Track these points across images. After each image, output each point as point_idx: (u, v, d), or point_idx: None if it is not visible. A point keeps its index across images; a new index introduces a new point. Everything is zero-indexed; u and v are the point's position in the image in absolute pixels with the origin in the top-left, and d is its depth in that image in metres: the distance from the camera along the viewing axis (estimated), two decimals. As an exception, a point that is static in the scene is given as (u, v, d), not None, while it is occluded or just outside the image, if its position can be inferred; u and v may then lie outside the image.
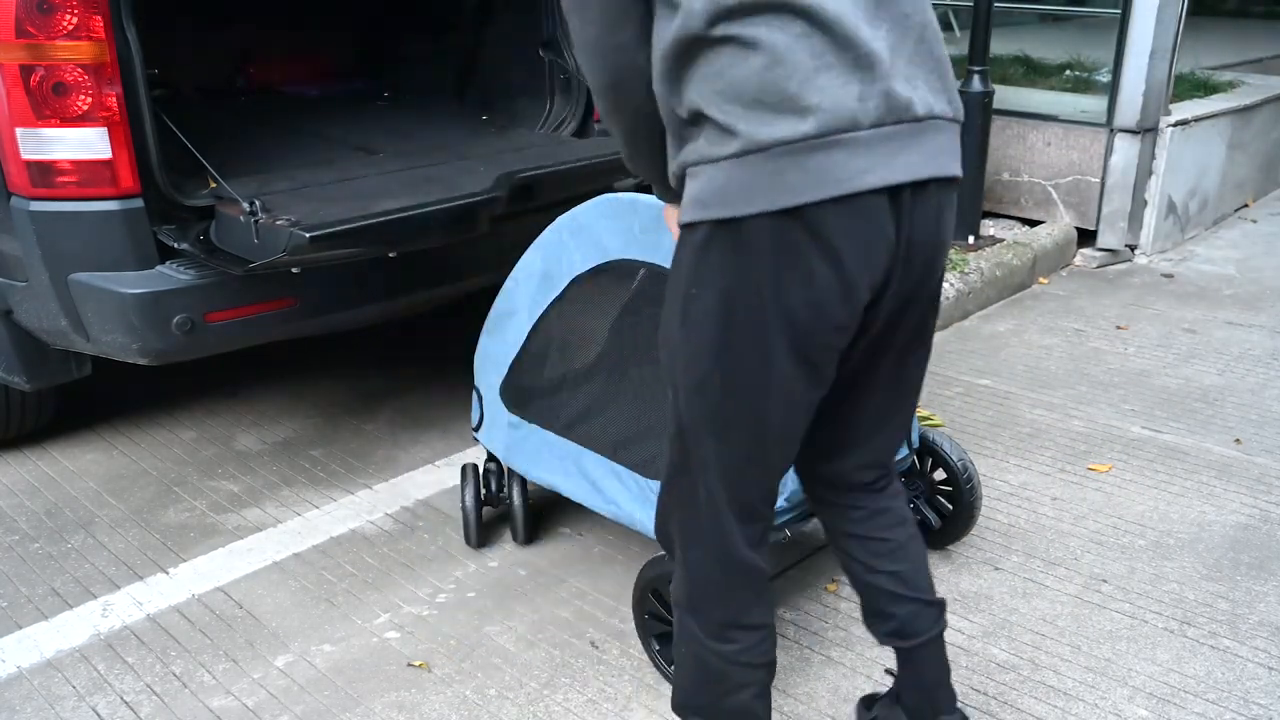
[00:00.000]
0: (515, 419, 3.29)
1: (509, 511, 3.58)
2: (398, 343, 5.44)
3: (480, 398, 3.42)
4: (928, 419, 3.69)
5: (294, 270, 3.54)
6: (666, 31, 1.87)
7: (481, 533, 3.58)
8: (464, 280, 4.23)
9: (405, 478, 4.10)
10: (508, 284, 3.21)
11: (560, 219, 3.01)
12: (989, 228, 6.55)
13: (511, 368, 3.26)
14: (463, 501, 3.54)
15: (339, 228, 3.29)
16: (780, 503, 2.82)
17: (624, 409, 2.96)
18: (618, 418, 2.98)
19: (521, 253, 3.20)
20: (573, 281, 3.00)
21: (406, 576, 3.47)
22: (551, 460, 3.21)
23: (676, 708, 2.35)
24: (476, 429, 3.47)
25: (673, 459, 2.14)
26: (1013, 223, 6.64)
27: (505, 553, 3.59)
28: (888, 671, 2.60)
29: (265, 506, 3.91)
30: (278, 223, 3.27)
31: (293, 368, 5.15)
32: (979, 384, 4.72)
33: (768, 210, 1.81)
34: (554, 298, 3.07)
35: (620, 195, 2.83)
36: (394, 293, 4.02)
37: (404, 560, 3.56)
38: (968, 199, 6.10)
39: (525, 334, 3.18)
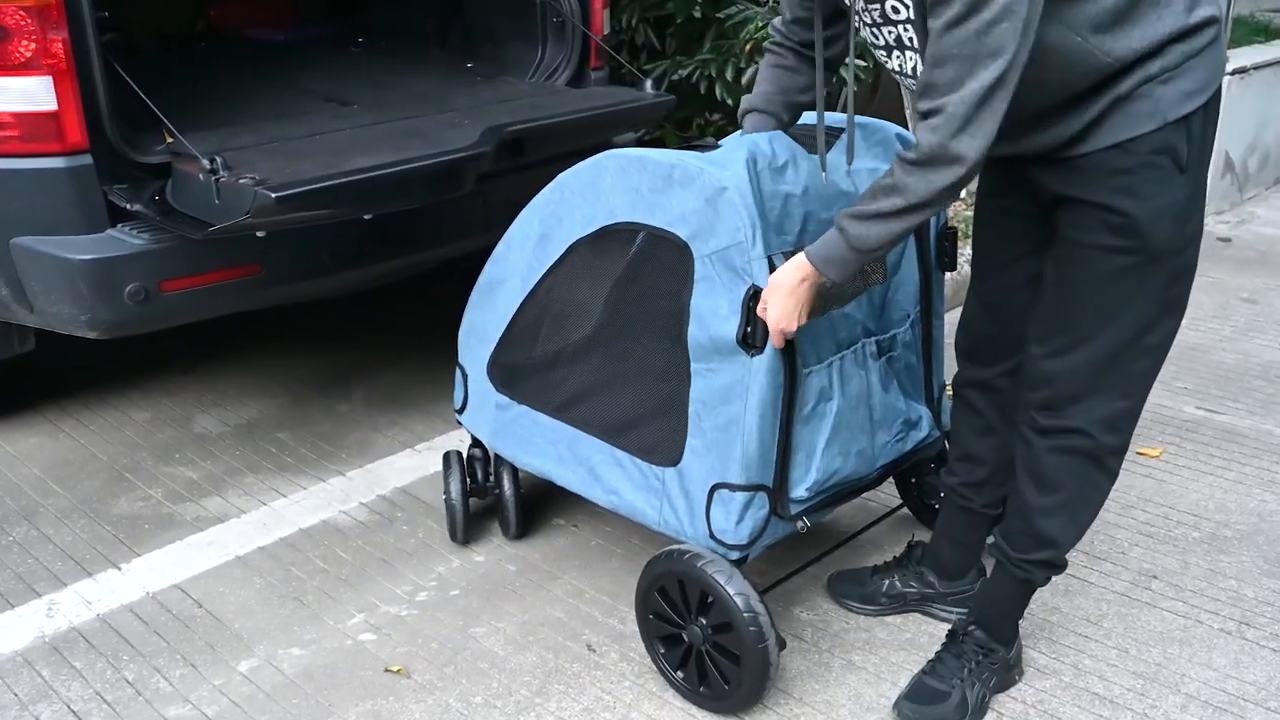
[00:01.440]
0: (504, 399, 3.28)
1: (497, 502, 3.57)
2: (374, 314, 5.43)
3: (465, 376, 3.40)
4: (960, 399, 3.68)
5: (259, 234, 3.52)
6: None
7: (467, 525, 3.57)
8: (447, 245, 4.22)
9: (382, 463, 4.09)
10: (499, 249, 3.19)
11: (561, 176, 2.98)
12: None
13: (500, 342, 3.25)
14: (446, 491, 3.53)
15: (308, 187, 3.27)
16: (800, 492, 2.81)
17: (626, 388, 2.95)
18: (619, 398, 2.97)
19: (513, 214, 3.18)
20: (572, 246, 2.98)
21: (384, 573, 3.46)
22: (544, 445, 3.19)
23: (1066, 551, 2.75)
24: (460, 411, 3.46)
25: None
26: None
27: (493, 547, 3.58)
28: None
29: (227, 495, 3.90)
30: (241, 181, 3.25)
31: (258, 342, 5.14)
32: (1016, 360, 4.70)
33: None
34: (551, 264, 3.05)
35: (627, 151, 2.80)
36: (369, 259, 4.01)
37: (381, 555, 3.55)
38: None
39: (517, 305, 3.16)
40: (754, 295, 2.58)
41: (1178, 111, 2.31)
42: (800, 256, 2.49)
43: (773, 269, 2.57)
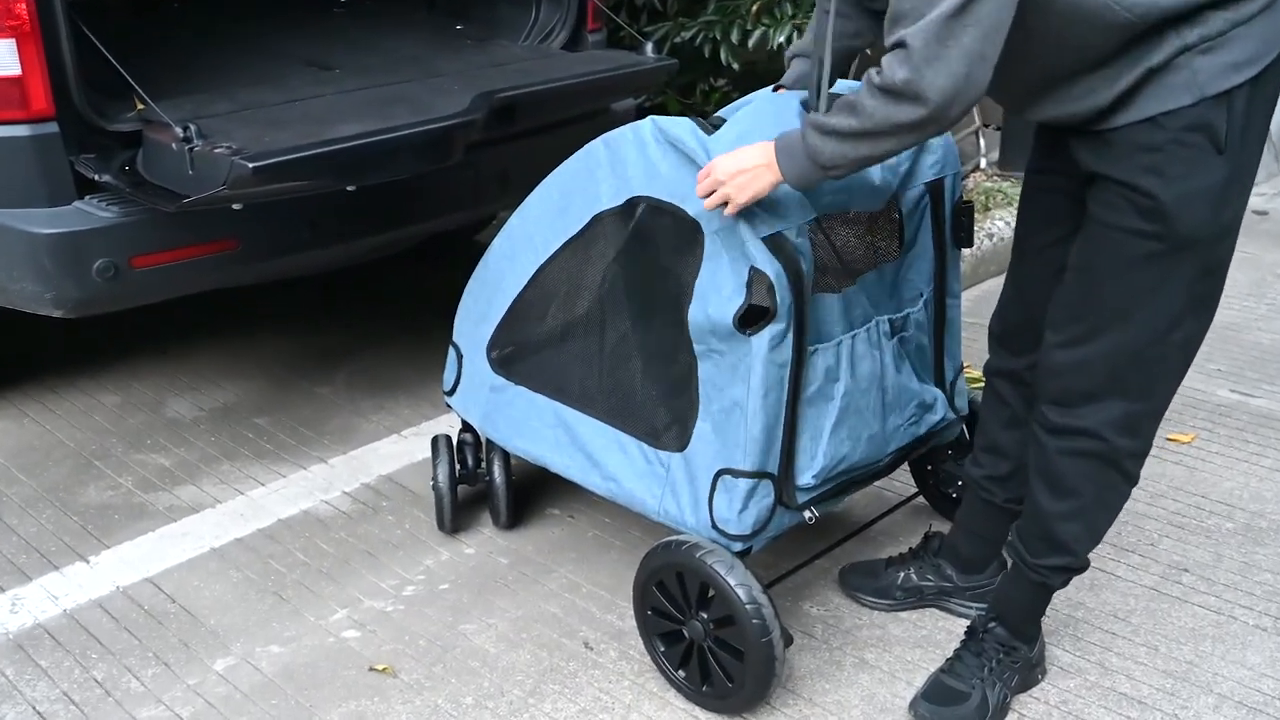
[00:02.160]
0: (500, 381, 3.27)
1: (488, 490, 3.56)
2: (358, 292, 5.42)
3: (459, 355, 3.40)
4: (977, 381, 3.67)
5: (235, 207, 3.51)
6: None
7: (455, 514, 3.57)
8: (435, 218, 4.21)
9: (366, 450, 4.09)
10: (513, 220, 3.16)
11: (594, 143, 2.95)
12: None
13: (504, 320, 3.24)
14: (434, 478, 3.53)
15: (287, 157, 3.26)
16: (806, 479, 2.81)
17: (635, 370, 2.94)
18: (627, 380, 2.96)
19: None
20: (596, 218, 2.96)
21: (368, 566, 3.46)
22: (540, 429, 3.19)
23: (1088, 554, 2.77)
24: (450, 393, 3.46)
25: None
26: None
27: (483, 538, 3.58)
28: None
29: (202, 484, 3.90)
30: (216, 151, 3.24)
31: (234, 322, 5.13)
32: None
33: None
34: (570, 236, 3.02)
35: (651, 125, 2.78)
36: (353, 233, 4.00)
37: (365, 547, 3.55)
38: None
39: (526, 280, 3.14)
40: (755, 275, 2.57)
41: (1218, 85, 2.24)
42: (770, 142, 2.48)
43: (778, 252, 2.57)
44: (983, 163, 6.39)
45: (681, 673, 2.90)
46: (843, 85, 2.73)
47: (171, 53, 4.57)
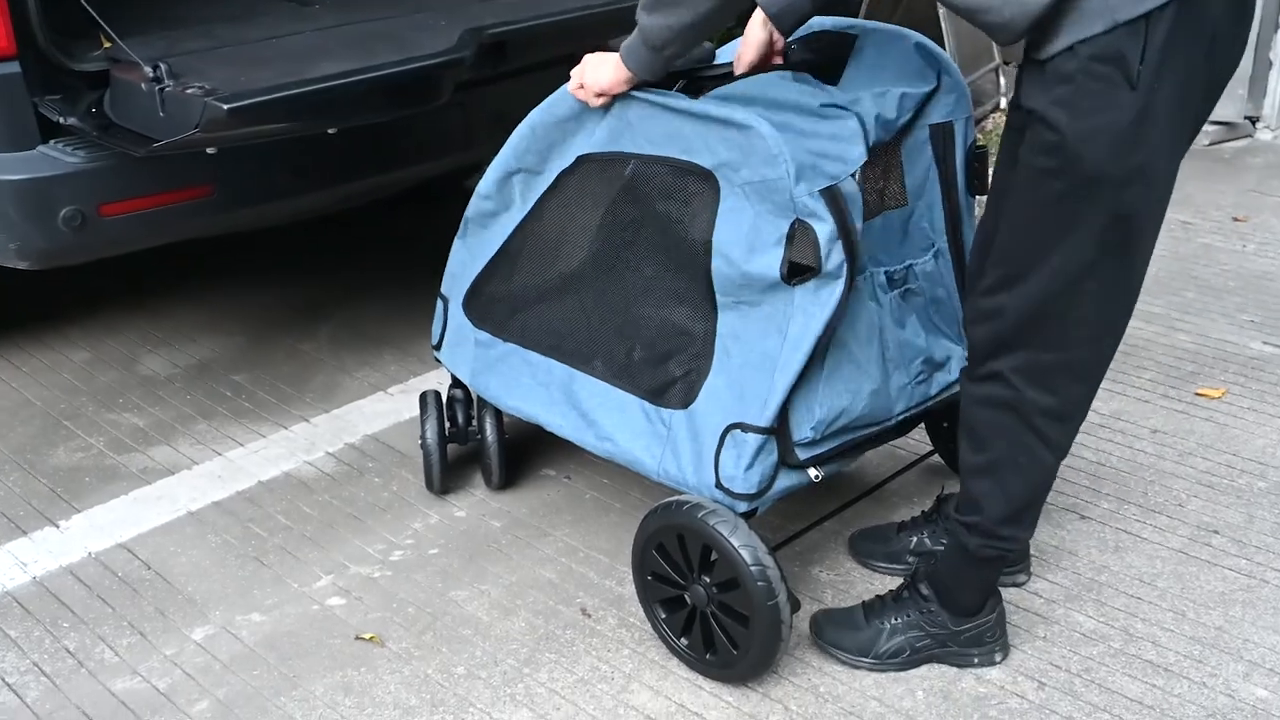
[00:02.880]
0: (484, 336, 3.27)
1: (479, 449, 3.57)
2: (341, 242, 5.41)
3: (446, 307, 3.40)
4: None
5: (210, 151, 3.50)
6: None
7: (445, 475, 3.58)
8: (422, 163, 4.20)
9: (351, 408, 4.10)
10: (497, 160, 3.16)
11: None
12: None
13: (485, 271, 3.24)
14: (423, 437, 3.53)
15: (265, 98, 3.25)
16: (805, 432, 2.79)
17: (638, 327, 2.94)
18: (629, 337, 2.96)
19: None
20: (581, 159, 2.96)
21: (353, 530, 3.47)
22: (532, 387, 3.19)
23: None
24: (438, 347, 3.46)
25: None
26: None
27: (475, 500, 3.59)
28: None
29: (178, 444, 3.91)
30: (188, 91, 3.23)
31: (210, 274, 5.13)
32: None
33: None
34: (553, 181, 3.03)
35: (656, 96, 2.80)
36: (335, 179, 3.99)
37: (350, 510, 3.56)
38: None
39: (513, 227, 3.15)
40: (800, 229, 2.57)
41: (1132, 10, 2.18)
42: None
43: (832, 203, 2.58)
44: (1002, 103, 6.37)
45: (684, 640, 2.91)
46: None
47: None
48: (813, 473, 2.85)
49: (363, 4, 4.26)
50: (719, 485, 2.75)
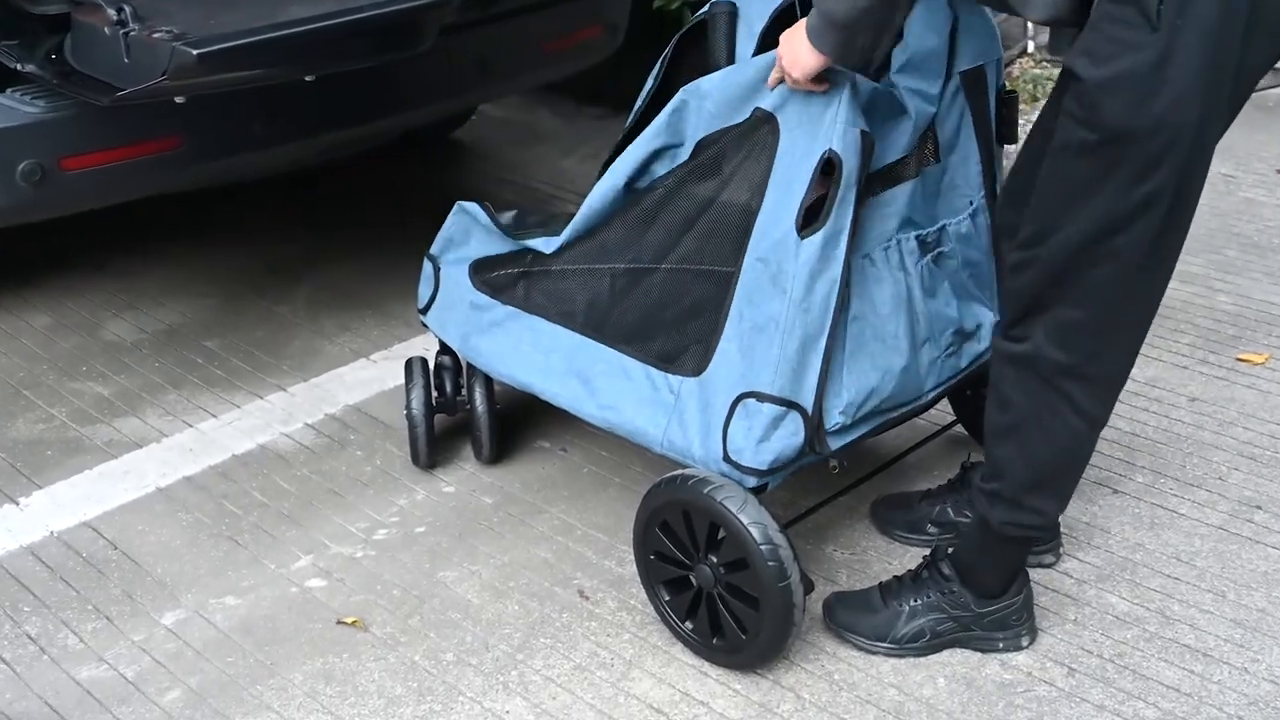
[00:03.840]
0: (482, 298, 3.26)
1: (469, 420, 3.57)
2: (319, 197, 5.40)
3: (436, 268, 3.39)
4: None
5: (178, 100, 3.49)
6: None
7: (432, 447, 3.58)
8: (405, 112, 4.19)
9: (331, 376, 4.10)
10: None
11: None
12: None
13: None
14: (408, 407, 3.53)
15: (237, 43, 3.24)
16: (834, 417, 2.79)
17: (655, 289, 2.93)
18: (644, 300, 2.95)
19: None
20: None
21: (334, 506, 3.47)
22: (529, 354, 3.18)
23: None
24: (425, 310, 3.45)
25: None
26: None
27: (465, 474, 3.59)
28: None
29: (145, 415, 3.91)
30: (155, 35, 3.22)
31: (180, 232, 5.12)
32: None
33: None
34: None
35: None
36: (313, 130, 3.98)
37: (330, 485, 3.56)
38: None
39: None
40: (826, 163, 2.58)
41: None
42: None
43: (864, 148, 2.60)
44: (1030, 46, 6.36)
45: (689, 624, 2.92)
46: None
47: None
48: (832, 465, 2.84)
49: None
50: (727, 458, 2.75)
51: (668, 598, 2.95)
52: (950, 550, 2.91)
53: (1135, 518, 3.32)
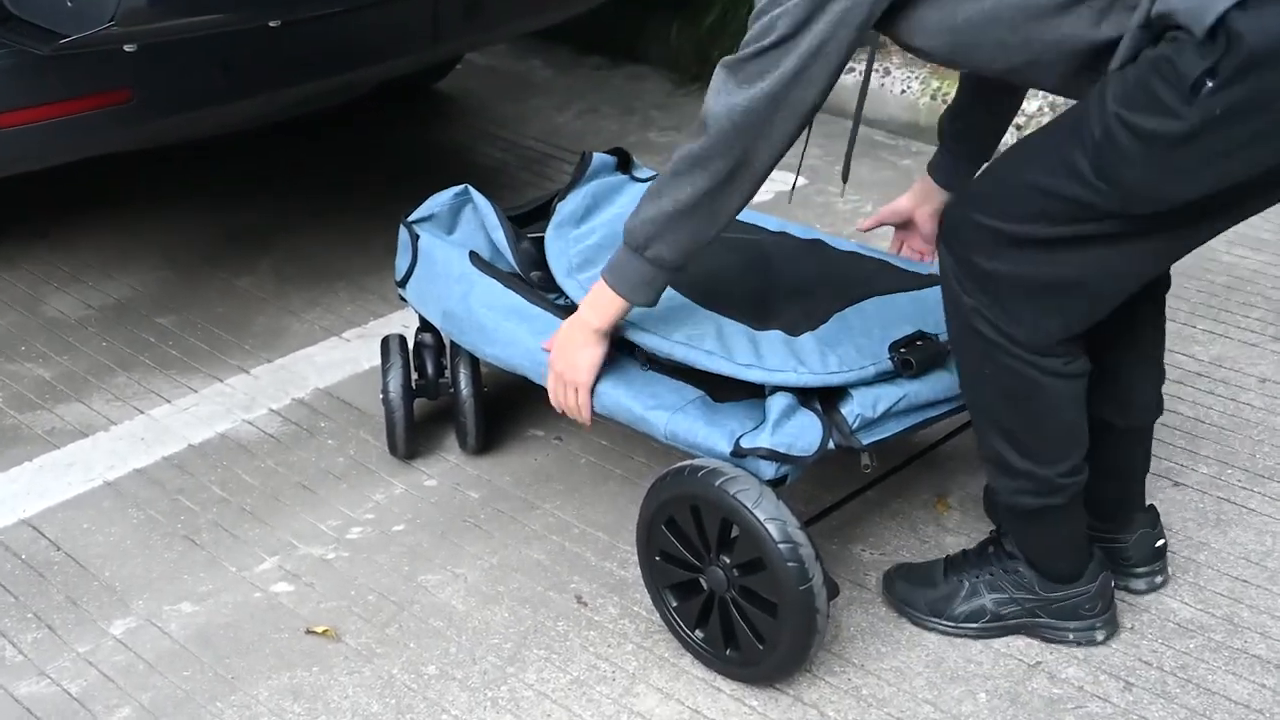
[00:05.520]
0: (470, 269, 3.26)
1: (453, 405, 3.57)
2: (286, 158, 5.41)
3: (414, 236, 3.39)
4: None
5: (128, 48, 3.49)
6: None
7: (411, 435, 3.58)
8: (383, 61, 4.19)
9: (299, 356, 4.10)
10: None
11: None
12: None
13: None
14: (385, 391, 3.53)
15: None
16: (856, 412, 2.79)
17: None
18: None
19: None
20: None
21: (303, 502, 3.48)
22: (516, 331, 3.18)
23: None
24: (402, 283, 3.45)
25: None
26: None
27: (448, 466, 3.59)
28: None
29: (91, 400, 3.91)
30: (102, -24, 3.22)
31: (130, 197, 5.12)
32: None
33: None
34: None
35: None
36: (278, 81, 3.98)
37: (299, 478, 3.56)
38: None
39: None
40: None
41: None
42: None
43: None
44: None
45: (699, 633, 2.91)
46: None
47: None
48: (864, 460, 2.84)
49: None
50: (738, 445, 2.74)
51: (675, 603, 2.95)
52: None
53: (1199, 513, 3.32)
